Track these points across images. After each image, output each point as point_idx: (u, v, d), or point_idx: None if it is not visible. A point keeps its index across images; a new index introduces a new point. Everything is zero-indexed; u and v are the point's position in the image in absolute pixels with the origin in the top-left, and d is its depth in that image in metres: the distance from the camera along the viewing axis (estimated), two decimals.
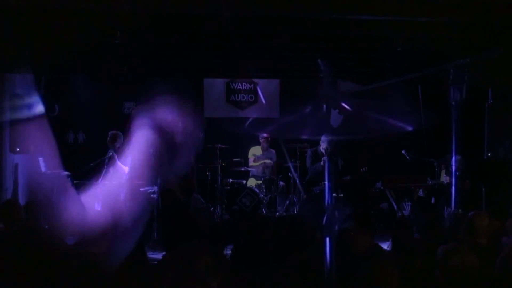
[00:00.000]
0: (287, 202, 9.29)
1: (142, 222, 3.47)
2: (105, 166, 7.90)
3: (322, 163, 8.90)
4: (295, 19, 6.30)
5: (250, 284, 3.35)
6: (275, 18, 6.28)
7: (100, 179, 7.70)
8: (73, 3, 5.70)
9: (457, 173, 6.99)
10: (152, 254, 5.71)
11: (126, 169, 8.39)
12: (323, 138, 9.14)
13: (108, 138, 8.05)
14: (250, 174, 9.67)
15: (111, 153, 8.06)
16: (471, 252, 3.43)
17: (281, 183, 9.48)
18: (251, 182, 9.41)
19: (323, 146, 8.94)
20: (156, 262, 4.12)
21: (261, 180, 9.32)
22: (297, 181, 9.27)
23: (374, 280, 2.73)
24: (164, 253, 3.97)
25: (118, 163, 8.04)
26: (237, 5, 5.62)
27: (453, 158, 7.00)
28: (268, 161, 9.68)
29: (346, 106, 2.81)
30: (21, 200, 8.38)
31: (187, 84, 9.78)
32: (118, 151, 7.96)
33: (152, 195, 8.46)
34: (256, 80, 10.80)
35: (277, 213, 9.00)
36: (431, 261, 3.56)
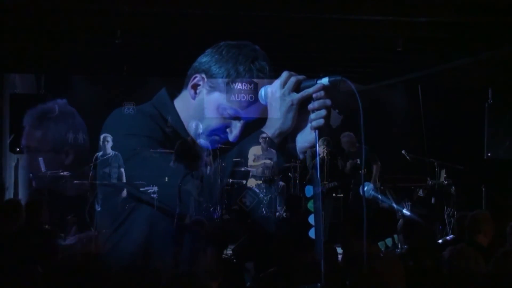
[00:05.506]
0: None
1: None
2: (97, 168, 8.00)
3: (320, 160, 8.98)
4: (295, 19, 6.29)
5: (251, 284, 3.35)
6: (275, 18, 6.27)
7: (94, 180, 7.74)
8: (73, 2, 5.70)
9: None
10: None
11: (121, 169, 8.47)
12: (319, 143, 9.16)
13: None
14: (250, 174, 9.65)
15: (103, 154, 8.15)
16: (477, 253, 3.43)
17: (281, 183, 9.47)
18: (251, 182, 9.40)
19: (320, 151, 9.01)
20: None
21: (261, 180, 9.31)
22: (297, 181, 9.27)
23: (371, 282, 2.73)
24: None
25: (112, 163, 8.10)
26: (236, 5, 5.62)
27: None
28: (268, 161, 9.67)
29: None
30: (21, 200, 8.37)
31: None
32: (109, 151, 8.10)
33: (152, 195, 8.45)
34: (256, 80, 10.77)
35: (277, 213, 8.99)
36: (439, 262, 3.56)
